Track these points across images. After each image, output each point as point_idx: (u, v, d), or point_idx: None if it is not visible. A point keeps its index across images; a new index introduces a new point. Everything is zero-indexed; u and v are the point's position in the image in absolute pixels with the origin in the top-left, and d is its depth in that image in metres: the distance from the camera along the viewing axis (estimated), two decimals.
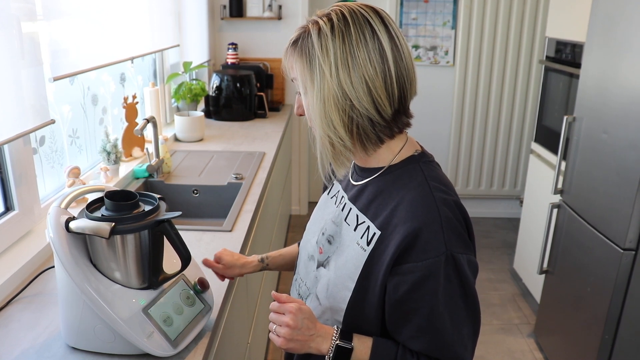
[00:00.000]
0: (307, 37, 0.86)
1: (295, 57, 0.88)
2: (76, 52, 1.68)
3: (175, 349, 1.03)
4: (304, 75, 0.87)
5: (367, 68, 0.83)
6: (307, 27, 0.87)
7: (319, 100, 0.85)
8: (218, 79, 3.07)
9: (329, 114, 0.85)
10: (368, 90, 0.84)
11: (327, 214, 1.04)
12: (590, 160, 2.15)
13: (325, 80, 0.84)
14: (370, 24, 0.84)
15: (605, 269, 1.99)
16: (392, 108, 0.88)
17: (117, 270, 1.02)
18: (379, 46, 0.84)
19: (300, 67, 0.87)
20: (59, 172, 1.77)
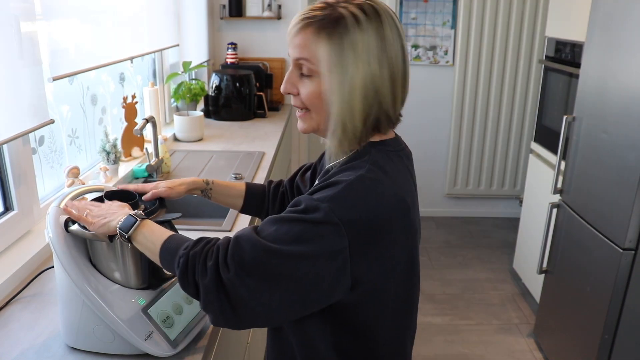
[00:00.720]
0: (339, 21, 0.85)
1: (322, 38, 0.86)
2: (75, 52, 1.68)
3: (174, 349, 1.03)
4: (331, 59, 0.85)
5: (395, 66, 0.88)
6: (336, 10, 0.86)
7: (348, 88, 0.86)
8: (217, 78, 3.06)
9: (354, 101, 0.86)
10: (392, 87, 0.89)
11: None
12: (590, 160, 2.15)
13: (358, 70, 0.85)
14: (396, 26, 0.89)
15: (605, 269, 1.99)
16: (402, 106, 0.94)
17: (117, 270, 1.02)
18: (402, 49, 0.89)
19: (328, 48, 0.85)
20: (59, 172, 1.77)
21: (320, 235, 0.81)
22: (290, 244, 0.81)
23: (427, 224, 4.05)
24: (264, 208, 1.27)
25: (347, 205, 0.82)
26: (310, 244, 0.80)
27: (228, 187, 1.24)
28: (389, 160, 0.91)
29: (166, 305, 1.06)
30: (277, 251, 0.81)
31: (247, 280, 0.81)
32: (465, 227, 4.03)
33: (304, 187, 1.22)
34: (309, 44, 0.87)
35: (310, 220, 0.81)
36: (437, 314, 2.93)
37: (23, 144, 1.46)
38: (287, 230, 0.82)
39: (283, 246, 0.81)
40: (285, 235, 0.82)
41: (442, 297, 3.09)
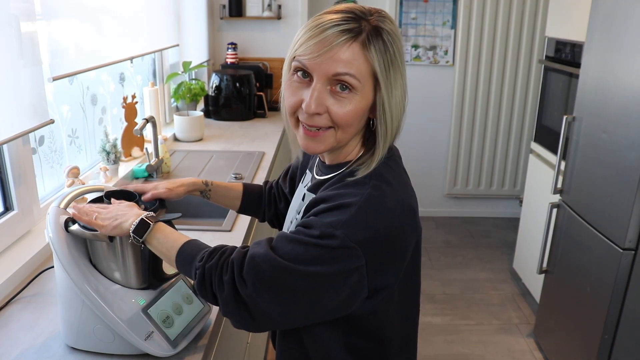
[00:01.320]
0: (377, 34, 0.84)
1: (371, 53, 0.83)
2: (75, 52, 1.68)
3: (174, 349, 1.03)
4: (382, 72, 0.85)
5: (405, 84, 0.90)
6: (369, 24, 0.84)
7: (396, 100, 0.88)
8: (217, 78, 3.06)
9: (396, 118, 0.89)
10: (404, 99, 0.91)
11: (296, 203, 1.05)
12: (590, 160, 2.14)
13: (403, 83, 0.88)
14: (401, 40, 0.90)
15: (605, 269, 1.99)
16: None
17: (117, 270, 1.02)
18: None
19: (380, 65, 0.84)
20: (58, 172, 1.77)
21: (336, 258, 0.82)
22: (307, 265, 0.82)
23: (427, 224, 4.05)
24: (261, 209, 1.29)
25: (361, 228, 0.82)
26: (327, 265, 0.82)
27: (227, 188, 1.25)
28: (389, 168, 0.91)
29: (166, 305, 1.06)
30: (294, 270, 0.82)
31: (265, 295, 0.83)
32: (465, 227, 4.03)
33: (284, 188, 1.24)
34: (357, 58, 0.83)
35: (327, 246, 0.81)
36: (437, 314, 2.93)
37: (23, 144, 1.46)
38: (303, 251, 0.82)
39: (300, 265, 0.82)
40: (302, 256, 0.82)
41: (442, 297, 3.09)
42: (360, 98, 0.86)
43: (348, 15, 0.85)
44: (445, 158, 4.06)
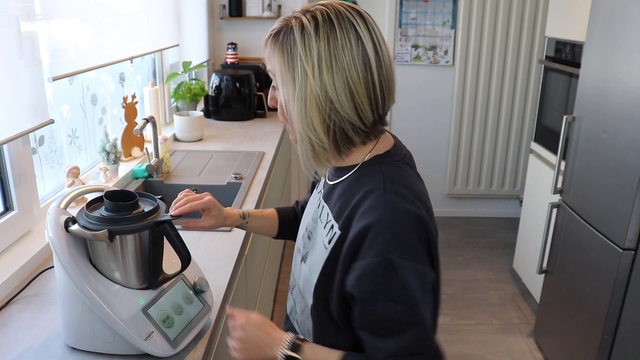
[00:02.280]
0: (289, 32, 0.85)
1: (276, 51, 0.86)
2: (75, 52, 1.68)
3: (174, 349, 1.03)
4: (283, 71, 0.86)
5: (351, 73, 0.83)
6: (289, 22, 0.86)
7: (300, 100, 0.84)
8: (217, 78, 3.06)
9: (310, 114, 0.84)
10: (350, 95, 0.84)
11: (312, 210, 1.04)
12: (590, 160, 2.15)
13: (308, 81, 0.83)
14: (356, 29, 0.84)
15: (605, 269, 1.99)
16: (374, 115, 0.88)
17: (117, 270, 1.02)
18: (363, 53, 0.84)
19: (280, 62, 0.86)
20: (58, 172, 1.77)
21: (420, 281, 0.84)
22: (410, 302, 0.83)
23: None
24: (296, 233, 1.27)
25: (404, 244, 0.82)
26: (417, 293, 0.83)
27: (262, 217, 1.24)
28: (401, 171, 0.91)
29: (166, 305, 1.06)
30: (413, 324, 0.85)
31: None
32: (465, 227, 4.03)
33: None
34: (269, 58, 0.89)
35: (404, 285, 0.82)
36: None
37: (23, 144, 1.46)
38: (400, 311, 0.83)
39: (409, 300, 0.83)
40: (402, 316, 0.84)
41: (442, 297, 3.09)
42: (279, 91, 0.89)
43: (284, 17, 0.89)
44: (445, 158, 4.06)
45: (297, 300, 1.03)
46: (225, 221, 1.17)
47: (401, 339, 0.84)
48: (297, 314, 1.05)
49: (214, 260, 1.44)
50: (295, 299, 1.06)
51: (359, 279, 0.83)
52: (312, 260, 0.95)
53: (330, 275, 0.90)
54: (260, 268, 2.16)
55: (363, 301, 0.84)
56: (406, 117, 3.90)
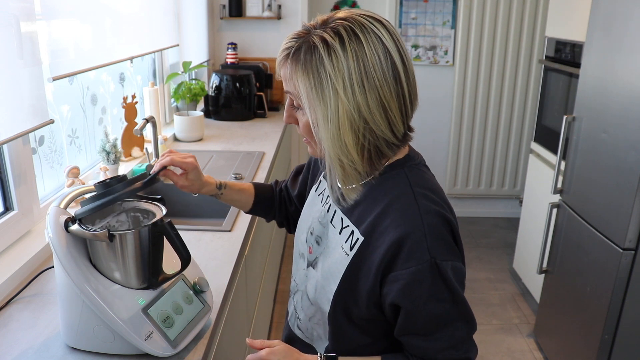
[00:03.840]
0: (313, 52, 0.79)
1: (298, 71, 0.81)
2: (75, 52, 1.68)
3: (174, 349, 1.03)
4: (309, 94, 0.81)
5: (384, 89, 0.80)
6: (309, 39, 0.80)
7: (331, 122, 0.80)
8: (217, 78, 3.06)
9: (343, 136, 0.80)
10: (384, 112, 0.81)
11: (315, 212, 1.03)
12: (590, 160, 2.14)
13: (341, 102, 0.79)
14: (383, 42, 0.80)
15: (605, 269, 1.99)
16: (404, 127, 0.86)
17: (117, 270, 1.02)
18: (393, 66, 0.81)
19: (306, 83, 0.80)
20: (58, 172, 1.77)
21: (459, 277, 0.86)
22: (455, 298, 0.85)
23: None
24: (272, 211, 1.27)
25: (442, 245, 0.84)
26: (459, 289, 0.86)
27: (239, 191, 1.23)
28: (425, 174, 0.92)
29: (166, 305, 1.06)
30: (465, 318, 0.88)
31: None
32: (465, 227, 4.03)
33: (292, 190, 1.23)
34: (289, 78, 0.83)
35: (449, 284, 0.84)
36: None
37: (23, 144, 1.46)
38: (450, 310, 0.86)
39: (457, 310, 0.86)
40: (453, 314, 0.86)
41: None
42: (306, 114, 0.85)
43: (297, 32, 0.84)
44: (445, 158, 4.06)
45: (303, 307, 1.01)
46: (201, 189, 1.15)
47: (453, 333, 0.87)
48: (300, 320, 1.04)
49: (214, 260, 1.44)
50: (298, 306, 1.04)
51: (407, 288, 0.83)
52: (328, 266, 0.93)
53: (353, 282, 0.89)
54: (260, 268, 2.16)
55: (412, 308, 0.85)
56: None
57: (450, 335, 0.87)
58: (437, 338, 0.87)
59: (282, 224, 1.30)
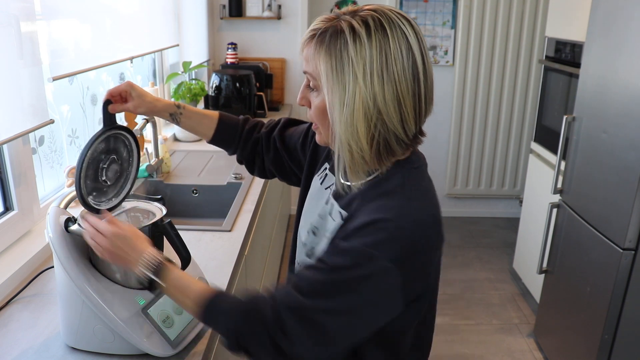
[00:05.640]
0: (339, 35, 0.81)
1: (322, 52, 0.82)
2: (75, 52, 1.68)
3: (174, 349, 1.03)
4: (329, 75, 0.82)
5: (401, 84, 0.81)
6: (338, 23, 0.82)
7: (347, 107, 0.81)
8: (217, 78, 3.06)
9: (356, 122, 0.82)
10: (399, 106, 0.82)
11: (318, 206, 1.03)
12: (589, 160, 2.15)
13: (358, 88, 0.80)
14: (407, 39, 0.82)
15: (605, 269, 1.99)
16: (416, 127, 0.87)
17: (117, 270, 1.02)
18: (413, 64, 0.82)
19: (328, 65, 0.82)
20: (58, 172, 1.77)
21: (375, 284, 0.81)
22: (347, 302, 0.81)
23: None
24: (234, 143, 1.24)
25: (398, 246, 0.81)
26: (366, 294, 0.81)
27: (201, 115, 1.20)
28: (421, 179, 0.90)
29: (166, 305, 1.06)
30: (334, 310, 0.81)
31: (312, 344, 0.82)
32: (465, 227, 4.02)
33: (277, 142, 1.20)
34: (312, 58, 0.85)
35: (363, 276, 0.80)
36: (437, 314, 2.92)
37: (23, 144, 1.46)
38: (339, 290, 0.81)
39: (339, 305, 0.81)
40: (339, 295, 0.81)
41: (442, 297, 3.09)
42: (322, 96, 0.86)
43: (327, 16, 0.86)
44: (445, 158, 4.06)
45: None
46: (155, 104, 1.12)
47: (303, 307, 0.82)
48: None
49: (214, 260, 1.44)
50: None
51: (332, 245, 0.85)
52: (318, 255, 0.94)
53: None
54: (260, 268, 2.16)
55: (331, 246, 0.85)
56: None
57: (301, 302, 0.82)
58: (296, 293, 0.83)
59: (248, 164, 1.27)
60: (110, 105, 1.08)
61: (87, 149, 1.01)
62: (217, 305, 0.88)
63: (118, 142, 1.11)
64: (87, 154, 1.01)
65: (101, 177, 1.07)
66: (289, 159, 1.21)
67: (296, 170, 1.21)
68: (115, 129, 1.08)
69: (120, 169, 1.12)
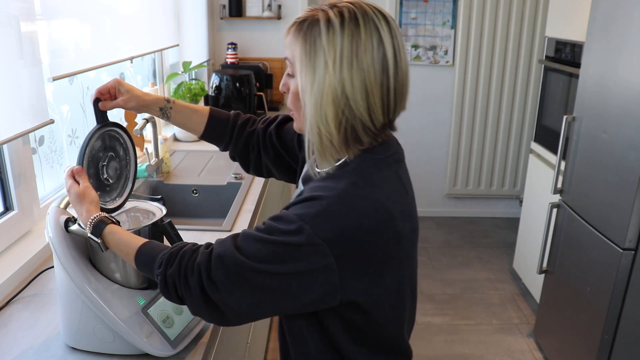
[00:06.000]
0: (314, 23, 0.86)
1: (299, 39, 0.87)
2: (75, 52, 1.68)
3: (174, 349, 1.03)
4: (303, 60, 0.87)
5: (369, 74, 0.85)
6: (317, 14, 0.87)
7: (317, 91, 0.85)
8: (217, 78, 3.06)
9: (324, 107, 0.85)
10: (365, 95, 0.85)
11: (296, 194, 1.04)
12: (589, 160, 2.15)
13: (328, 73, 0.84)
14: (379, 32, 0.86)
15: (605, 269, 1.99)
16: (384, 118, 0.89)
17: (117, 270, 1.03)
18: (383, 56, 0.86)
19: (302, 51, 0.87)
20: (58, 172, 1.77)
21: (303, 255, 0.82)
22: (275, 264, 0.83)
23: (427, 224, 4.05)
24: (224, 139, 1.24)
25: (329, 225, 0.82)
26: (295, 263, 0.82)
27: (191, 110, 1.21)
28: (376, 169, 0.90)
29: (166, 305, 1.06)
30: (262, 270, 0.83)
31: (235, 294, 0.85)
32: (465, 227, 4.03)
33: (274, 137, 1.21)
34: (290, 45, 0.90)
35: (293, 244, 0.82)
36: (437, 314, 2.93)
37: (23, 144, 1.46)
38: (271, 251, 0.83)
39: (267, 265, 0.83)
40: (269, 256, 0.83)
41: (442, 297, 3.09)
42: (296, 81, 0.90)
43: (310, 8, 0.90)
44: (445, 158, 4.06)
45: None
46: (144, 98, 1.13)
47: (217, 269, 0.85)
48: None
49: None
50: None
51: (269, 221, 0.87)
52: None
53: None
54: None
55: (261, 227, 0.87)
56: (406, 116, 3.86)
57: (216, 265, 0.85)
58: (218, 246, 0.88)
59: (239, 158, 1.27)
60: (100, 103, 1.09)
61: (85, 146, 1.01)
62: (146, 253, 0.93)
63: (113, 140, 1.11)
64: (87, 151, 1.01)
65: (102, 175, 1.07)
66: (287, 155, 1.21)
67: (295, 166, 1.21)
68: (109, 126, 1.08)
69: (119, 166, 1.12)
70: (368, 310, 0.90)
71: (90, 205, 0.98)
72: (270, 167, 1.25)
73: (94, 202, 0.99)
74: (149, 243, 0.94)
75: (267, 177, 1.30)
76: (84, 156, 1.01)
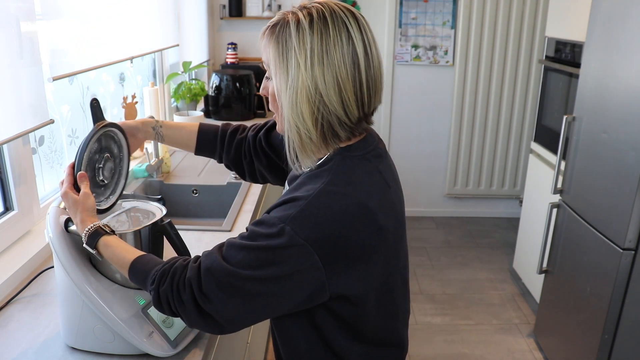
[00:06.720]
0: (285, 26, 0.88)
1: (271, 42, 0.90)
2: (75, 52, 1.68)
3: (174, 349, 1.03)
4: (277, 62, 0.89)
5: (340, 69, 0.87)
6: (287, 16, 0.89)
7: (291, 90, 0.87)
8: (217, 78, 3.06)
9: (300, 105, 0.87)
10: (338, 90, 0.87)
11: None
12: (589, 160, 2.15)
13: (300, 73, 0.86)
14: (348, 29, 0.88)
15: (605, 269, 1.99)
16: (359, 112, 0.90)
17: (117, 270, 1.02)
18: (353, 52, 0.87)
19: (275, 53, 0.89)
20: (58, 172, 1.77)
21: (288, 257, 0.84)
22: (261, 269, 0.84)
23: (427, 224, 4.05)
24: (217, 151, 1.28)
25: (308, 224, 0.84)
26: (281, 266, 0.84)
27: (179, 127, 1.26)
28: (354, 166, 0.91)
29: None
30: (250, 276, 0.85)
31: (229, 305, 0.87)
32: (465, 227, 4.03)
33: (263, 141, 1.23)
34: (264, 49, 0.92)
35: (277, 246, 0.83)
36: (437, 314, 2.93)
37: (23, 144, 1.46)
38: (256, 257, 0.85)
39: (254, 271, 0.84)
40: (255, 262, 0.85)
41: (442, 297, 3.09)
42: (273, 84, 0.92)
43: (282, 12, 0.93)
44: (445, 158, 4.06)
45: None
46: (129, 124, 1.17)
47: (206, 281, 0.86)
48: None
49: None
50: None
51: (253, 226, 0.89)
52: None
53: None
54: None
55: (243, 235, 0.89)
56: (406, 117, 3.90)
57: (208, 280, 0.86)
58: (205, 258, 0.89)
59: (234, 165, 1.29)
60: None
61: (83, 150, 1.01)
62: (139, 269, 0.94)
63: (108, 139, 1.11)
64: (84, 158, 1.01)
65: (98, 177, 1.07)
66: (278, 159, 1.23)
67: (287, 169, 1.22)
68: (105, 127, 1.08)
69: (113, 165, 1.12)
70: (357, 303, 0.91)
71: (85, 215, 0.98)
72: (264, 173, 1.27)
73: (90, 210, 0.99)
74: (141, 258, 0.95)
75: (263, 182, 1.32)
76: (83, 161, 1.01)
